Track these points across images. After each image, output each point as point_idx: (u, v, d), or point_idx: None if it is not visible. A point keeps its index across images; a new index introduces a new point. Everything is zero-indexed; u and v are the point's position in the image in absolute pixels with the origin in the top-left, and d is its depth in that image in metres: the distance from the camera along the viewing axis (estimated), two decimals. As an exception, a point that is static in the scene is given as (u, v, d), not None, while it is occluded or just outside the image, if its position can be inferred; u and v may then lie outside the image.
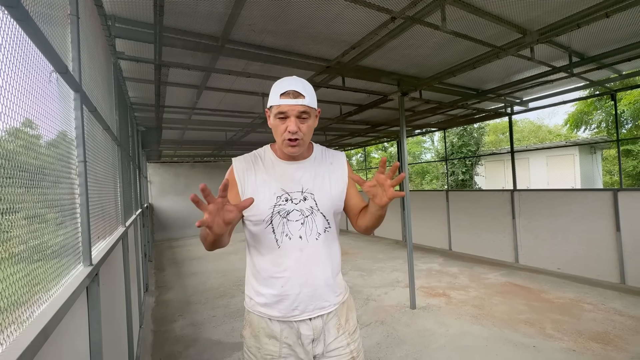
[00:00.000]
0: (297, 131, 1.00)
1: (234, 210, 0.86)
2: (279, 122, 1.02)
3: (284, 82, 1.01)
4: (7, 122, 0.67)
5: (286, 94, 0.98)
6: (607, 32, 2.85)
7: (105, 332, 1.35)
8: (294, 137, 1.01)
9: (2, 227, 0.66)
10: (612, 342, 2.71)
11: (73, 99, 1.14)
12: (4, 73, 0.67)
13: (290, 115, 0.99)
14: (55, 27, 1.02)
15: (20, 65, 0.77)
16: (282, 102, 0.99)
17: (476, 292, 4.01)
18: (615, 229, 4.07)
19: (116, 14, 2.13)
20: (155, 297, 4.46)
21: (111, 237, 1.89)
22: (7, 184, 0.67)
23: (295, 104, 0.98)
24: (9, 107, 0.68)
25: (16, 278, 0.68)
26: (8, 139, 0.70)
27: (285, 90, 0.99)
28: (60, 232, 1.01)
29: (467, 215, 6.05)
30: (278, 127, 1.03)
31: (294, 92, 0.98)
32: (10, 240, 0.71)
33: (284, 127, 1.01)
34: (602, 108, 10.85)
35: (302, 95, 0.99)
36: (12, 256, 0.71)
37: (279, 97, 0.99)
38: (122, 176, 2.59)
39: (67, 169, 1.08)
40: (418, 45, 2.87)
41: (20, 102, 0.75)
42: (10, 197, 0.68)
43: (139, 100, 3.97)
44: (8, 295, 0.64)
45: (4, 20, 0.70)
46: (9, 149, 0.70)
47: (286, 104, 0.98)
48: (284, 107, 0.99)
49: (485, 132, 14.41)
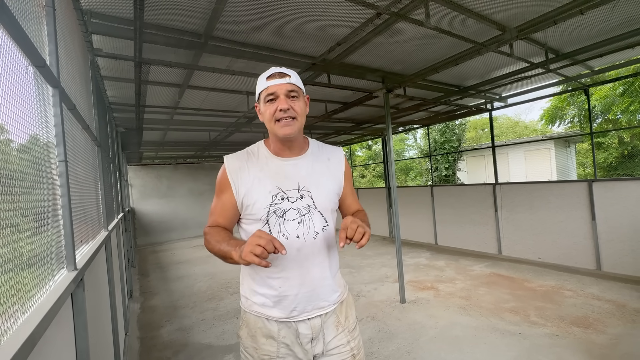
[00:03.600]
0: (289, 108, 0.99)
1: None
2: (269, 105, 1.01)
3: (267, 70, 1.04)
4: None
5: (272, 75, 1.00)
6: (580, 29, 2.97)
7: (91, 339, 1.29)
8: (287, 115, 0.99)
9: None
10: (591, 325, 2.84)
11: (51, 95, 1.08)
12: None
13: (280, 95, 0.99)
14: (30, 18, 0.96)
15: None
16: (269, 83, 1.00)
17: (463, 284, 4.11)
18: (591, 218, 4.26)
19: (93, 9, 2.04)
20: (140, 303, 4.32)
21: (94, 241, 1.81)
22: None
23: (282, 82, 0.99)
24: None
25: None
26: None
27: (270, 73, 1.01)
28: (42, 234, 0.95)
29: (451, 210, 6.18)
30: (268, 110, 1.01)
31: (279, 72, 1.00)
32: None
33: (274, 108, 1.00)
34: (574, 103, 11.34)
35: (287, 74, 1.00)
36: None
37: (266, 80, 1.00)
38: (103, 178, 2.49)
39: (48, 169, 1.03)
40: (403, 42, 2.90)
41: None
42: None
43: (118, 100, 3.83)
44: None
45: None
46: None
47: (274, 84, 0.99)
48: (272, 87, 0.99)
49: (466, 129, 14.76)
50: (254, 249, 0.81)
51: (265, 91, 1.00)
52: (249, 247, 0.82)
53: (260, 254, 0.80)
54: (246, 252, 0.82)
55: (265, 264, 0.81)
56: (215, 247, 0.97)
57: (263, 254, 0.81)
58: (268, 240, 0.82)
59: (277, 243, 0.83)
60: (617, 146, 10.75)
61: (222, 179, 1.06)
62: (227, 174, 1.05)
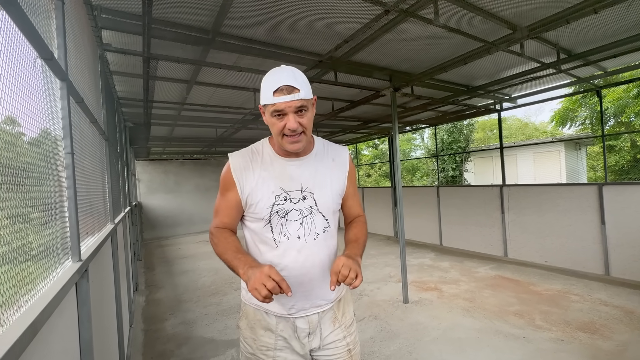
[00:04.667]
0: (297, 127, 0.94)
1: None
2: (275, 120, 0.95)
3: (274, 77, 0.94)
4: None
5: (279, 90, 0.91)
6: (594, 29, 2.91)
7: (95, 330, 1.31)
8: (295, 133, 0.96)
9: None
10: (598, 331, 2.79)
11: (59, 87, 1.10)
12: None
13: (288, 113, 0.93)
14: (39, 12, 0.97)
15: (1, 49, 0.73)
16: (277, 100, 0.92)
17: (467, 286, 4.07)
18: (600, 222, 4.18)
19: (102, 4, 2.06)
20: (145, 296, 4.38)
21: (100, 233, 1.83)
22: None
23: (291, 99, 0.91)
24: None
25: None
26: None
27: (277, 87, 0.91)
28: (47, 226, 0.96)
29: (457, 211, 6.12)
30: (275, 124, 0.96)
31: (287, 87, 0.91)
32: None
33: (282, 125, 0.94)
34: (586, 105, 11.12)
35: (296, 89, 0.92)
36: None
37: (272, 94, 0.92)
38: (110, 172, 2.52)
39: (54, 161, 1.04)
40: (411, 40, 2.88)
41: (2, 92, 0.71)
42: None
43: (127, 95, 3.87)
44: None
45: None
46: None
47: (282, 102, 0.91)
48: (280, 105, 0.92)
49: (474, 129, 14.59)
50: (260, 289, 0.84)
51: (272, 107, 0.93)
52: (257, 283, 0.85)
53: (264, 297, 0.84)
54: (251, 288, 0.85)
55: (267, 301, 0.85)
56: (223, 256, 1.01)
57: (267, 299, 0.84)
58: (275, 285, 0.84)
59: (284, 285, 0.85)
60: (630, 149, 10.52)
61: (227, 177, 1.05)
62: (232, 172, 1.04)
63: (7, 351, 0.52)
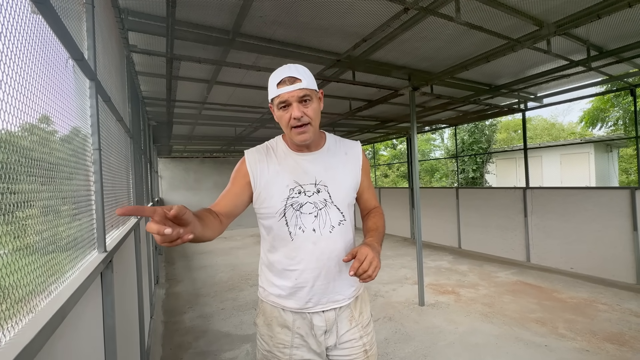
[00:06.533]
0: (302, 116, 0.97)
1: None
2: (282, 113, 1.00)
3: (277, 72, 1.00)
4: (22, 118, 0.68)
5: (282, 82, 0.97)
6: (628, 24, 2.75)
7: (118, 319, 1.38)
8: (300, 123, 0.98)
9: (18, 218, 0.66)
10: (627, 343, 2.65)
11: (88, 87, 1.15)
12: (21, 61, 0.68)
13: (292, 102, 0.97)
14: (71, 15, 1.02)
15: (36, 51, 0.77)
16: (280, 90, 0.97)
17: (486, 290, 3.96)
18: (632, 228, 3.96)
19: (129, 7, 2.15)
20: (165, 289, 4.53)
21: (124, 227, 1.91)
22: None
23: (293, 89, 0.96)
24: (24, 102, 0.68)
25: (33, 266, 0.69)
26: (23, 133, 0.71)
27: (280, 79, 0.97)
28: (76, 218, 1.02)
29: (477, 213, 5.96)
30: (283, 117, 1.00)
31: (289, 78, 0.97)
32: (26, 230, 0.72)
33: (288, 116, 0.99)
34: (619, 105, 10.52)
35: (298, 79, 0.97)
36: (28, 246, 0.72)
37: (276, 87, 0.98)
38: (134, 168, 2.62)
39: (83, 157, 1.10)
40: (431, 38, 2.82)
41: (39, 92, 0.75)
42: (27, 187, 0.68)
43: (151, 94, 4.02)
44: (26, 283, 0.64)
45: (21, 5, 0.70)
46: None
47: (285, 92, 0.97)
48: (284, 95, 0.97)
49: (496, 130, 14.12)
50: (150, 225, 0.62)
51: (277, 98, 0.99)
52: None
53: (156, 232, 0.62)
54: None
55: (163, 239, 0.64)
56: None
57: (160, 235, 0.62)
58: (161, 212, 0.65)
59: (172, 212, 0.65)
60: (667, 152, 9.86)
61: (240, 169, 1.08)
62: (247, 165, 1.07)
63: (37, 333, 0.56)
